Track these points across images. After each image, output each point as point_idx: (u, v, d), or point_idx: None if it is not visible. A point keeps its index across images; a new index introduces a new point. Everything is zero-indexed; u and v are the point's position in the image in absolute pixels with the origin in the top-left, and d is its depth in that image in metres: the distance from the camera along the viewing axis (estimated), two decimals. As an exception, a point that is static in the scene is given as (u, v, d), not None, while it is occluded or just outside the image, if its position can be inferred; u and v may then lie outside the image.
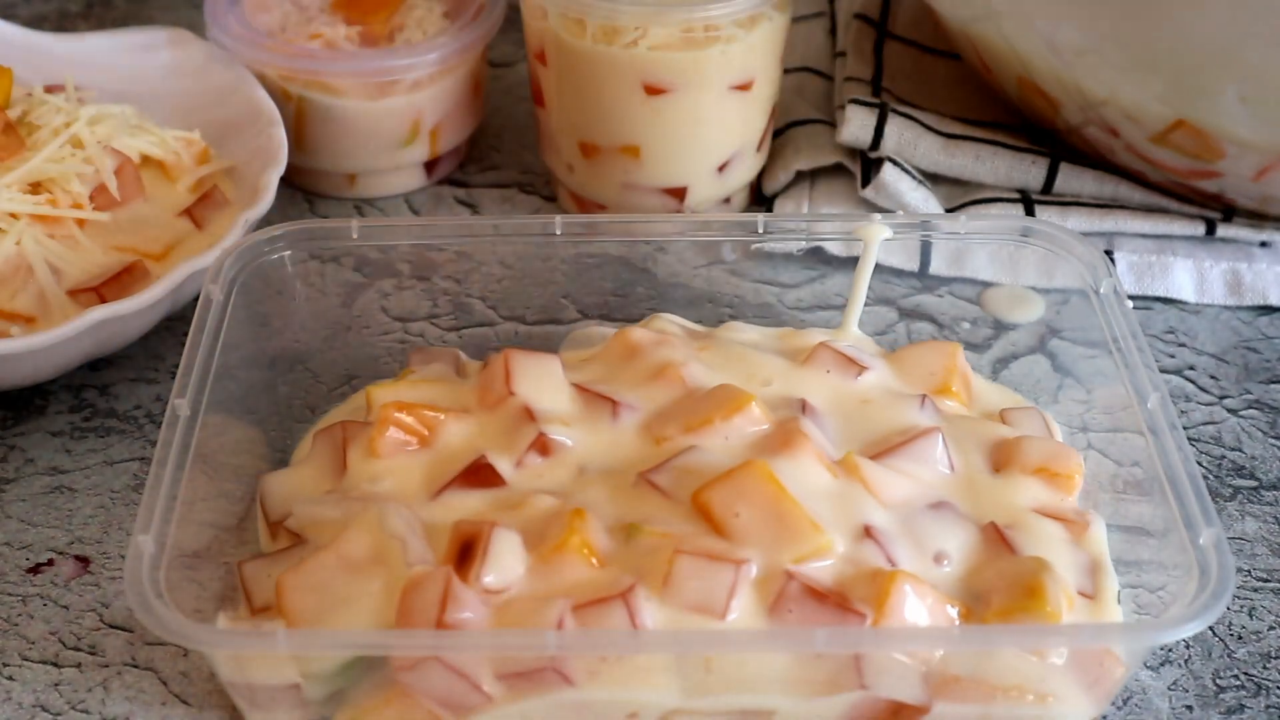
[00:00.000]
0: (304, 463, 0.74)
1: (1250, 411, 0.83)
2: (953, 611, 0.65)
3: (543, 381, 0.73)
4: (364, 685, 0.65)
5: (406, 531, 0.66)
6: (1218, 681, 0.70)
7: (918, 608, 0.64)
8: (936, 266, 0.89)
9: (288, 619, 0.65)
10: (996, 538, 0.68)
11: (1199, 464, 0.80)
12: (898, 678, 0.64)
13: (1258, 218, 0.90)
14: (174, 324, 0.84)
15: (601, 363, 0.77)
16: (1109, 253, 0.90)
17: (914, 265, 0.89)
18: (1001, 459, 0.73)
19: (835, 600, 0.64)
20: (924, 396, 0.75)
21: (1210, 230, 0.90)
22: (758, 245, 0.83)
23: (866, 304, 0.80)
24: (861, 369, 0.76)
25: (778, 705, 0.64)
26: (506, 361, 0.74)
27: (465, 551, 0.65)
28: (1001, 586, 0.66)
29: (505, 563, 0.65)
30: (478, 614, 0.63)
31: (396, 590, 0.64)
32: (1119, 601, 0.69)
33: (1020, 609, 0.65)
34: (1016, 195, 0.92)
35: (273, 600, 0.66)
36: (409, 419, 0.72)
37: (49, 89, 0.88)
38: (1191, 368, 0.86)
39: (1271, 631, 0.72)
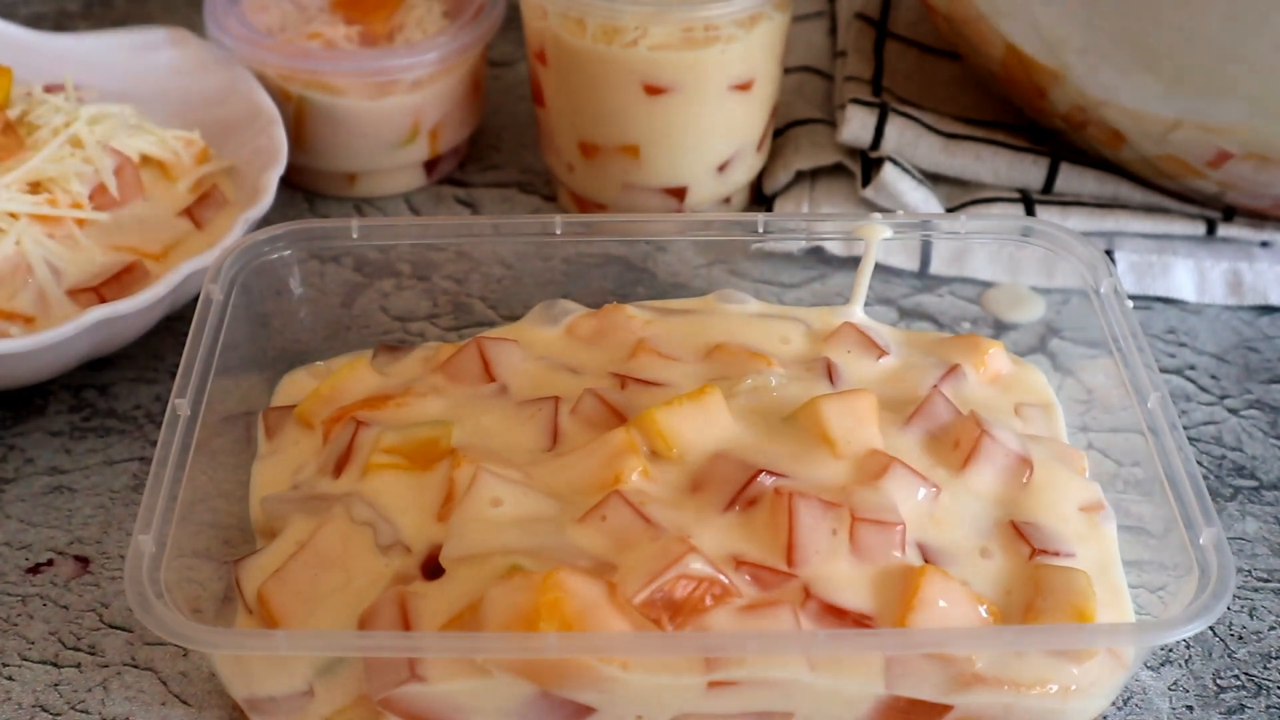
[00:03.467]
0: (266, 449, 0.75)
1: (1251, 411, 0.83)
2: (982, 610, 0.64)
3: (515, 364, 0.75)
4: (344, 684, 0.64)
5: (373, 516, 0.67)
6: (1218, 682, 0.70)
7: (945, 606, 0.63)
8: (937, 266, 0.89)
9: (280, 625, 0.65)
10: (1017, 534, 0.68)
11: (1199, 464, 0.79)
12: (921, 678, 0.63)
13: (1258, 217, 0.90)
14: (174, 324, 0.84)
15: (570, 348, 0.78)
16: (1109, 252, 0.90)
17: (914, 265, 0.89)
18: None
19: (854, 618, 0.63)
20: (955, 366, 0.75)
21: (1211, 230, 0.90)
22: (758, 245, 0.83)
23: (866, 304, 0.80)
24: (882, 352, 0.76)
25: (796, 707, 0.64)
26: (480, 350, 0.74)
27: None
28: (1049, 601, 0.65)
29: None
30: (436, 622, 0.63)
31: (378, 574, 0.65)
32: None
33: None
34: (1017, 195, 0.91)
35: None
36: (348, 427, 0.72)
37: (48, 89, 0.88)
38: (1192, 367, 0.85)
39: (1272, 631, 0.72)
